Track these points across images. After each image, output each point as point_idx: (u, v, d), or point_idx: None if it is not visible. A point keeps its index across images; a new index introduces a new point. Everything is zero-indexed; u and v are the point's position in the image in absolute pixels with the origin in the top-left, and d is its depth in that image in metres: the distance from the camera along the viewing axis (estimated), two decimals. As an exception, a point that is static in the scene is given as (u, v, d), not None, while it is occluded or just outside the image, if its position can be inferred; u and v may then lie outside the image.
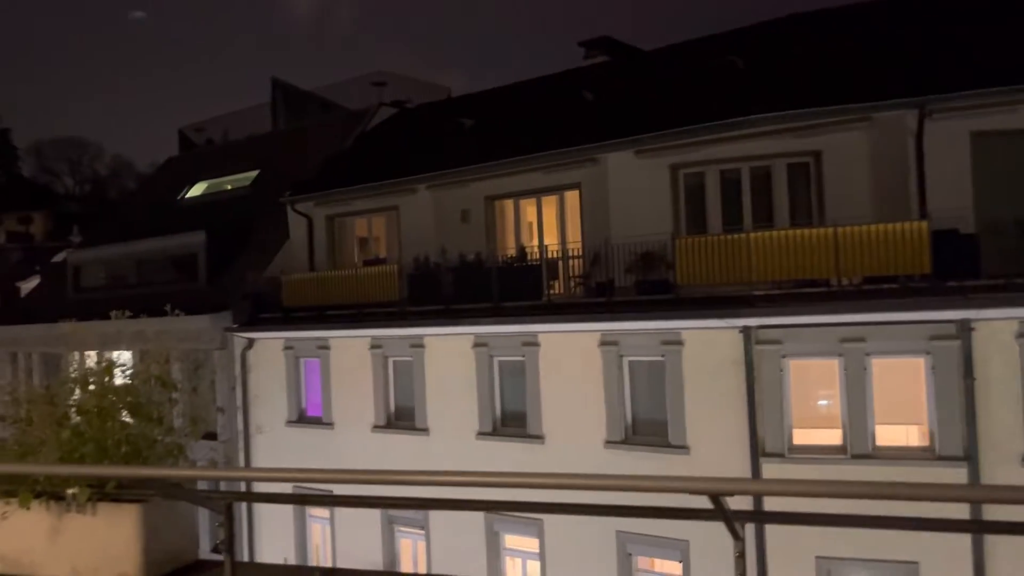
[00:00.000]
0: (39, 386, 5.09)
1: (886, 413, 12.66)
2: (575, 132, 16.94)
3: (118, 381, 4.89)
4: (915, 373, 12.56)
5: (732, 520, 2.80)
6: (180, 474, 4.17)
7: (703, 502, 3.12)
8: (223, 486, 5.53)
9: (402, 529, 17.49)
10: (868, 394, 12.60)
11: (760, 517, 3.31)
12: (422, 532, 16.97)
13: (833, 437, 12.94)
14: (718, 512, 2.75)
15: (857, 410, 12.62)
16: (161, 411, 4.69)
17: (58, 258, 33.44)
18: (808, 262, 13.02)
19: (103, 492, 4.43)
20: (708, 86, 16.68)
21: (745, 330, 13.19)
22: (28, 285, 35.49)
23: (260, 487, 9.98)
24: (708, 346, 13.70)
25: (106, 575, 4.47)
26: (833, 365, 12.96)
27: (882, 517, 2.98)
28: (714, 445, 13.43)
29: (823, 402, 13.57)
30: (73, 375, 4.91)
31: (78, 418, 4.68)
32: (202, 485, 5.13)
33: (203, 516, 5.43)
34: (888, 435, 12.66)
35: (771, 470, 12.94)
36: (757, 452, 13.04)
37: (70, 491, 4.43)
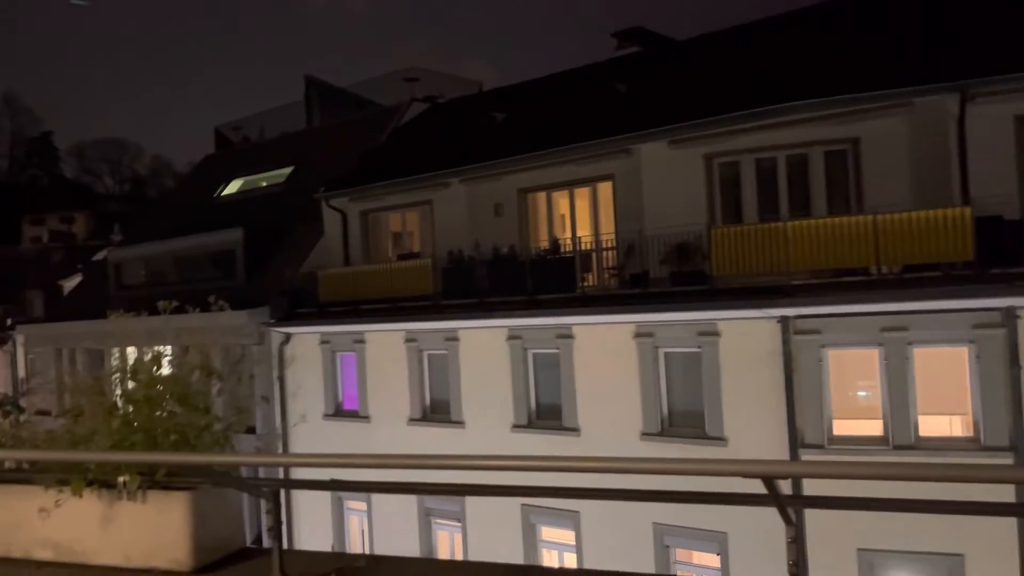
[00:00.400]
0: (88, 378, 5.20)
1: (929, 403, 12.45)
2: (608, 123, 16.86)
3: (164, 372, 4.99)
4: (958, 362, 12.33)
5: (785, 505, 2.77)
6: (228, 460, 4.25)
7: (749, 486, 3.10)
8: (262, 473, 5.62)
9: (439, 521, 17.61)
10: (910, 384, 12.40)
11: (813, 501, 3.23)
12: (458, 524, 17.07)
13: (874, 428, 12.76)
14: (770, 496, 2.71)
15: (899, 400, 12.42)
16: (207, 401, 4.77)
17: (99, 257, 34.11)
18: (847, 251, 12.83)
19: (153, 480, 4.52)
20: (742, 74, 16.50)
21: (783, 320, 13.05)
22: (71, 283, 36.29)
23: (305, 477, 10.09)
24: (745, 337, 13.58)
25: (157, 562, 4.56)
26: (873, 355, 12.78)
27: (937, 501, 2.93)
28: (752, 436, 13.31)
29: (863, 392, 13.39)
30: (122, 366, 5.01)
31: (127, 408, 4.77)
32: (247, 474, 5.21)
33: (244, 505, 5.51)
34: (931, 425, 12.46)
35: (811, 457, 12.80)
36: (796, 443, 12.90)
37: (121, 479, 4.52)
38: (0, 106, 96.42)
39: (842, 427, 13.01)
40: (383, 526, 18.15)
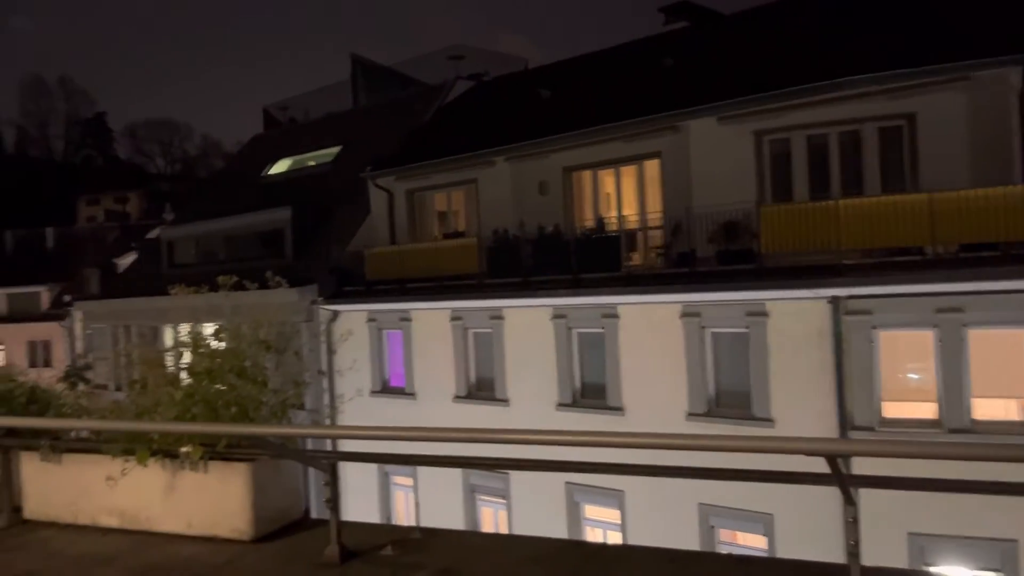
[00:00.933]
0: (153, 350, 5.36)
1: (984, 386, 12.15)
2: (655, 100, 16.66)
3: (222, 346, 5.12)
4: (1017, 344, 12.01)
5: (847, 484, 2.74)
6: (287, 431, 4.36)
7: (802, 466, 3.08)
8: (310, 444, 5.71)
9: (483, 498, 17.80)
10: (965, 366, 12.12)
11: (875, 481, 3.17)
12: (503, 501, 17.23)
13: (926, 411, 12.52)
14: (832, 476, 2.69)
15: (953, 382, 12.15)
16: (265, 375, 4.89)
17: (152, 235, 34.91)
18: (901, 229, 12.54)
19: (214, 451, 4.66)
20: (793, 49, 16.14)
21: (833, 300, 12.83)
22: (125, 261, 37.28)
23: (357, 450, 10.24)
24: (794, 317, 13.40)
25: (218, 530, 4.71)
26: (927, 336, 12.50)
27: (1002, 483, 2.88)
28: (800, 417, 13.16)
29: (915, 375, 13.14)
30: (181, 340, 5.16)
31: (188, 380, 4.92)
32: (302, 448, 5.32)
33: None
34: (986, 409, 12.16)
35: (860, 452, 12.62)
36: (845, 425, 12.72)
37: (183, 449, 4.67)
38: (55, 88, 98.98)
39: (893, 409, 12.77)
40: (429, 502, 18.39)
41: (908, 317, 12.61)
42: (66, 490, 5.39)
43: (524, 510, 16.66)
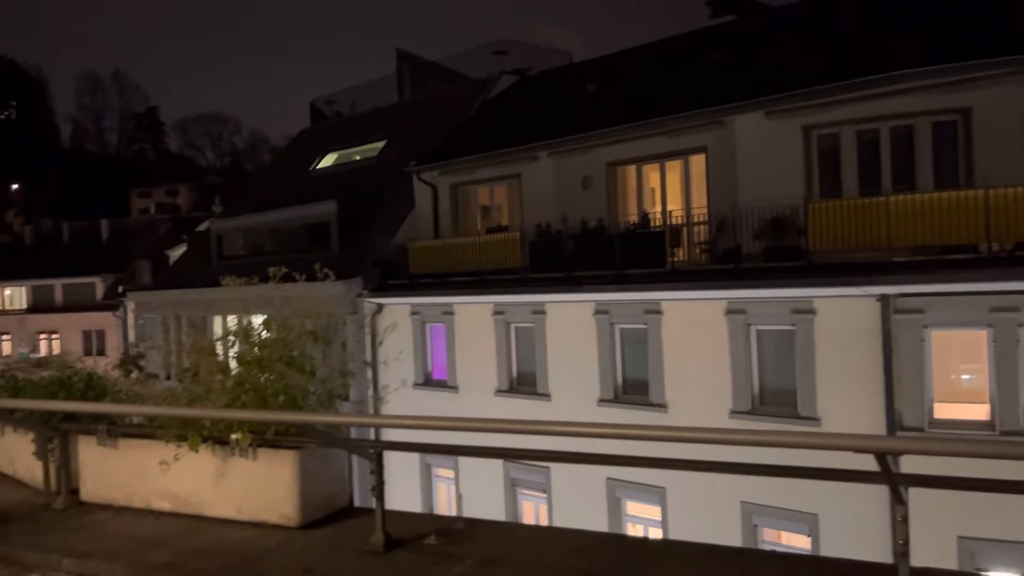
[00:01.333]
0: (204, 339, 5.49)
1: (1040, 388, 11.81)
2: (701, 94, 16.48)
3: (271, 336, 5.22)
4: (1075, 346, 11.64)
5: (897, 483, 2.69)
6: (334, 419, 4.43)
7: (849, 462, 3.04)
8: (354, 434, 5.80)
9: (524, 492, 17.85)
10: (1020, 367, 11.79)
11: (928, 480, 3.08)
12: (544, 496, 17.26)
13: (979, 412, 12.22)
14: (882, 474, 2.64)
15: (1007, 383, 11.83)
16: (313, 364, 4.98)
17: (202, 227, 35.62)
18: (954, 226, 12.24)
19: (263, 438, 4.77)
20: (843, 41, 15.82)
21: (883, 298, 12.58)
22: (176, 253, 38.13)
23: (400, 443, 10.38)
24: (842, 315, 13.17)
25: (267, 516, 4.82)
26: (981, 336, 12.19)
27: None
28: (847, 417, 12.93)
29: (967, 375, 12.82)
30: (232, 329, 5.27)
31: (239, 368, 5.03)
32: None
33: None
34: (1042, 411, 11.82)
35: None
36: (894, 426, 12.47)
37: (234, 436, 4.79)
38: (109, 83, 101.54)
39: (944, 410, 12.49)
40: (471, 495, 18.50)
41: (961, 316, 12.31)
42: (121, 474, 5.56)
43: (565, 505, 16.67)
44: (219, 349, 5.48)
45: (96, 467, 5.72)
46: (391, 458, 4.19)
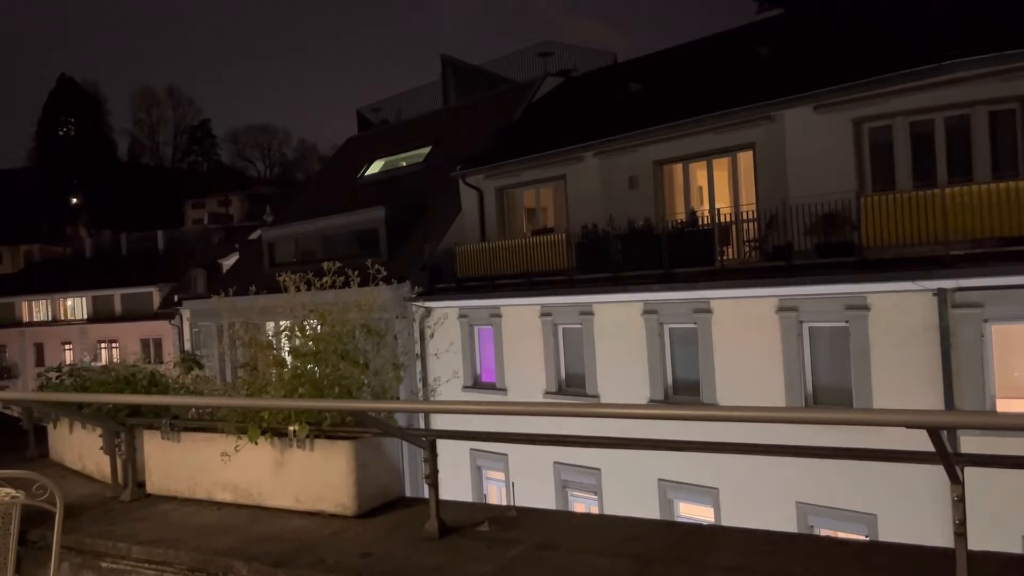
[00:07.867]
0: (262, 334, 5.64)
1: (1109, 383, 11.42)
2: (749, 90, 16.31)
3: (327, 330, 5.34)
4: None
5: (952, 460, 2.65)
6: (388, 406, 4.52)
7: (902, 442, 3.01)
8: (402, 420, 5.89)
9: (575, 493, 17.82)
10: (1087, 361, 11.41)
11: (984, 460, 3.01)
12: (594, 497, 17.22)
13: (1043, 408, 11.85)
14: (935, 452, 2.60)
15: (1073, 379, 11.47)
16: (367, 357, 5.09)
17: (253, 236, 36.36)
18: (1015, 218, 11.91)
19: (320, 430, 4.89)
20: (893, 31, 15.51)
21: (940, 293, 12.30)
22: (228, 262, 38.97)
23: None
24: (897, 310, 12.90)
25: (324, 506, 4.93)
26: (1044, 330, 11.84)
27: None
28: (904, 415, 12.64)
29: (1031, 372, 12.45)
30: (289, 324, 5.41)
31: (295, 362, 5.16)
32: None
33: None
34: (1111, 407, 11.43)
35: (970, 443, 12.04)
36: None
37: (291, 428, 4.91)
38: (164, 98, 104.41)
39: (1006, 407, 12.14)
40: (521, 495, 18.52)
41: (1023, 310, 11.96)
42: (184, 466, 5.74)
43: (616, 507, 16.59)
44: (275, 344, 5.63)
45: (160, 460, 5.92)
46: (442, 461, 4.27)
